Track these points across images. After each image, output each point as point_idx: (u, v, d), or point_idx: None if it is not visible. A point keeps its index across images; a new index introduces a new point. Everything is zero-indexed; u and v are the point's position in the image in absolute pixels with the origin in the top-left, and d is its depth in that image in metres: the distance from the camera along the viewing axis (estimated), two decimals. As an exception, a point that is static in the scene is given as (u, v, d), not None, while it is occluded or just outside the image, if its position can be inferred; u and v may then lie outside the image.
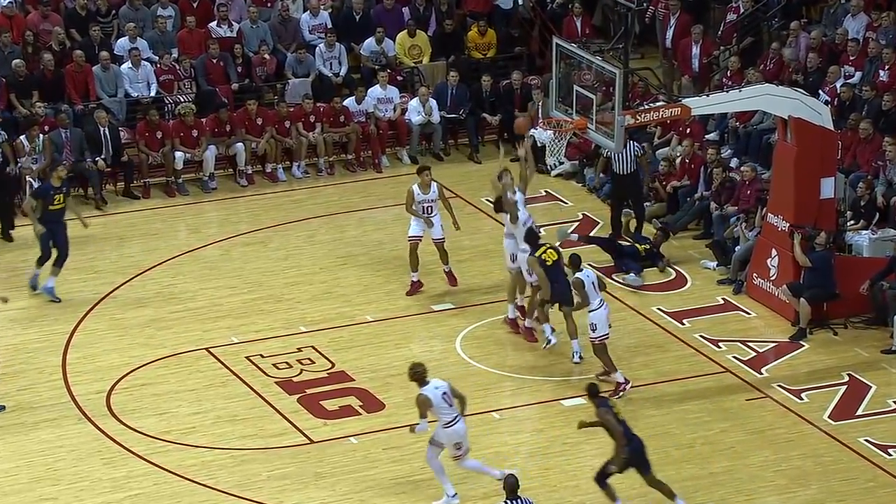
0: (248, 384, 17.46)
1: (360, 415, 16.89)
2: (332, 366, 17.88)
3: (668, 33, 24.54)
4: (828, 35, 23.24)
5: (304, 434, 16.49)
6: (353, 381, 17.57)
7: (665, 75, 23.96)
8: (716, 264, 20.26)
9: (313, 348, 18.23)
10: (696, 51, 23.77)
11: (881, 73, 21.99)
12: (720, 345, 18.49)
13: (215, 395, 17.26)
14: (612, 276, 19.76)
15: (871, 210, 19.78)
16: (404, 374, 17.47)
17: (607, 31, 25.28)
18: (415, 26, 24.50)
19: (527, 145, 19.14)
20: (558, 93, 18.77)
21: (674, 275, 20.19)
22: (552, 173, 23.04)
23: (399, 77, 24.05)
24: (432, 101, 23.38)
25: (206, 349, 18.17)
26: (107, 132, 21.95)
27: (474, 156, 23.72)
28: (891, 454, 16.24)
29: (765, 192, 19.91)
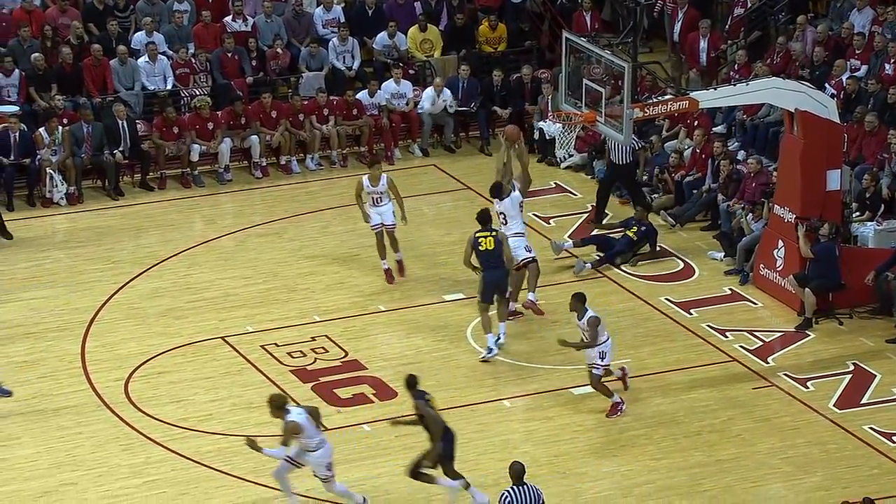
0: (263, 372, 17.52)
1: (372, 403, 16.95)
2: (346, 354, 17.93)
3: (676, 28, 24.53)
4: (834, 29, 23.23)
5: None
6: (365, 369, 17.63)
7: (673, 69, 23.94)
8: (723, 255, 20.28)
9: (327, 337, 18.29)
10: (703, 45, 23.76)
11: (886, 66, 21.97)
12: (727, 334, 18.51)
13: (231, 382, 17.32)
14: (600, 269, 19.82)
15: (876, 201, 19.78)
16: (417, 363, 17.67)
17: (616, 26, 25.22)
18: (426, 21, 24.51)
19: (521, 148, 19.04)
20: (568, 86, 18.80)
21: (682, 265, 20.23)
22: (562, 165, 23.08)
23: (411, 71, 24.07)
24: (447, 92, 23.39)
25: (221, 338, 18.22)
26: (125, 125, 22.01)
27: (485, 148, 23.75)
28: (895, 441, 16.27)
29: (770, 185, 19.92)
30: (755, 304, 19.29)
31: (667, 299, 19.32)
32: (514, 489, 13.38)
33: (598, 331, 16.36)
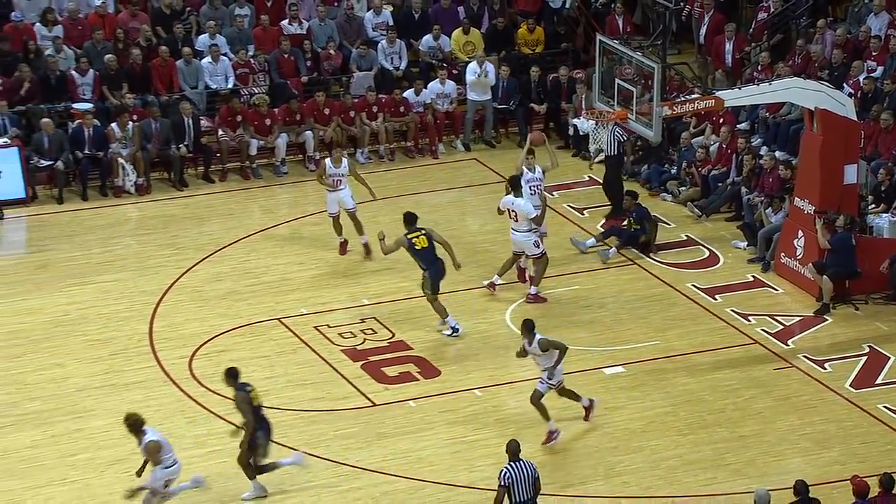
0: (316, 352, 17.57)
1: (417, 380, 16.96)
2: (393, 335, 17.95)
3: (703, 31, 24.40)
4: (852, 32, 23.04)
5: (367, 397, 16.58)
6: (411, 349, 17.64)
7: (700, 69, 23.78)
8: (746, 244, 20.19)
9: (375, 319, 18.31)
10: (729, 47, 23.62)
11: (901, 67, 21.82)
12: (749, 318, 18.42)
13: (286, 361, 17.38)
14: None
15: (891, 194, 19.63)
16: (458, 343, 17.68)
17: (647, 29, 25.07)
18: (469, 24, 24.47)
19: (550, 150, 18.93)
20: (601, 85, 18.76)
21: (707, 254, 20.14)
22: (594, 160, 22.96)
23: (454, 71, 24.04)
24: (488, 64, 23.32)
25: (277, 319, 18.27)
26: (189, 121, 22.11)
27: (523, 143, 23.64)
28: (908, 420, 16.20)
29: (790, 179, 19.81)
30: (776, 290, 19.18)
31: (693, 285, 19.24)
32: (512, 465, 13.30)
33: (550, 352, 15.42)
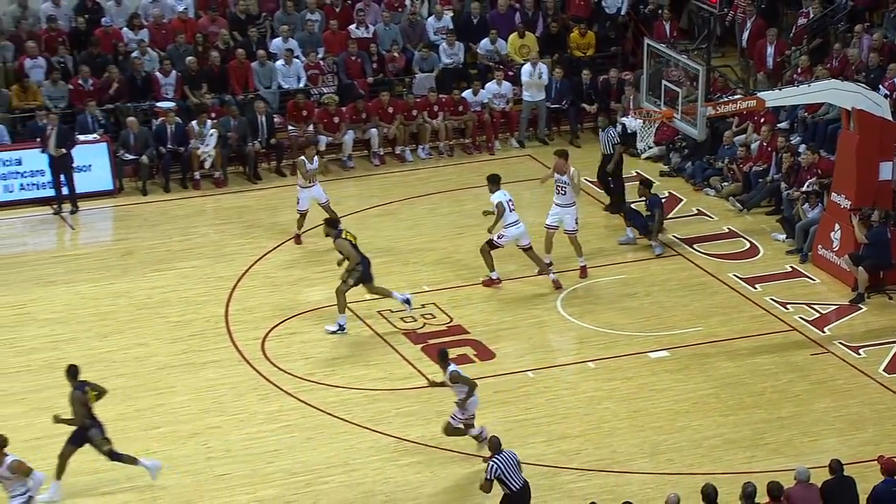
0: (379, 334, 17.56)
1: (474, 362, 16.90)
2: (451, 320, 17.90)
3: (745, 35, 24.12)
4: (888, 37, 22.70)
5: (427, 378, 16.51)
6: (468, 333, 17.59)
7: (742, 72, 23.60)
8: (784, 237, 19.97)
9: (435, 305, 18.27)
10: (770, 50, 23.35)
11: (935, 70, 21.44)
12: (788, 307, 18.21)
13: (352, 342, 17.36)
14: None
15: (924, 190, 19.35)
16: (513, 328, 17.60)
17: (692, 33, 24.94)
18: (524, 28, 24.35)
19: (573, 174, 18.60)
20: (649, 86, 18.61)
21: (748, 245, 19.94)
22: (642, 156, 22.83)
23: (510, 72, 23.94)
24: (543, 67, 23.20)
25: (344, 304, 18.32)
26: (263, 119, 22.17)
27: (574, 141, 23.56)
28: (938, 404, 15.95)
29: (816, 165, 19.55)
30: (813, 280, 18.95)
31: (734, 275, 19.05)
32: (498, 457, 13.26)
33: (460, 385, 14.55)
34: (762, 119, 21.78)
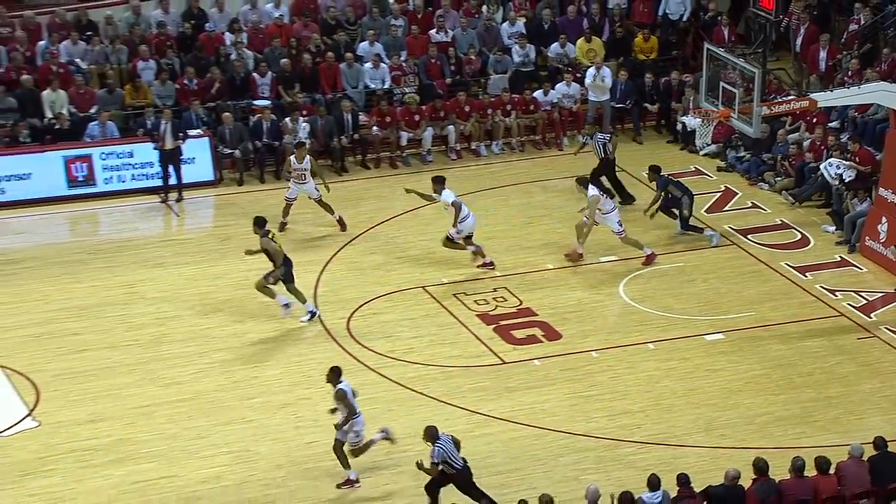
0: (454, 315, 17.63)
1: (541, 342, 16.93)
2: (521, 303, 17.93)
3: (799, 40, 23.83)
4: (935, 42, 22.31)
5: (498, 356, 16.60)
6: (536, 315, 17.61)
7: (796, 75, 23.32)
8: (834, 228, 19.73)
9: (506, 289, 18.30)
10: (822, 55, 23.04)
11: (980, 72, 21.02)
12: (836, 294, 18.01)
13: (429, 323, 17.46)
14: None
15: (968, 186, 18.99)
16: (578, 311, 17.59)
17: (749, 38, 24.63)
18: (591, 33, 24.26)
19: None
20: (707, 88, 18.48)
21: (800, 236, 19.73)
22: (700, 153, 22.66)
23: (578, 74, 23.86)
24: (606, 69, 23.08)
25: (422, 287, 18.36)
26: (349, 117, 22.33)
27: (637, 138, 23.45)
28: (979, 387, 15.68)
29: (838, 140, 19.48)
30: (861, 269, 18.71)
31: (786, 264, 18.87)
32: (440, 442, 13.11)
33: (346, 402, 13.89)
34: (814, 119, 21.52)
